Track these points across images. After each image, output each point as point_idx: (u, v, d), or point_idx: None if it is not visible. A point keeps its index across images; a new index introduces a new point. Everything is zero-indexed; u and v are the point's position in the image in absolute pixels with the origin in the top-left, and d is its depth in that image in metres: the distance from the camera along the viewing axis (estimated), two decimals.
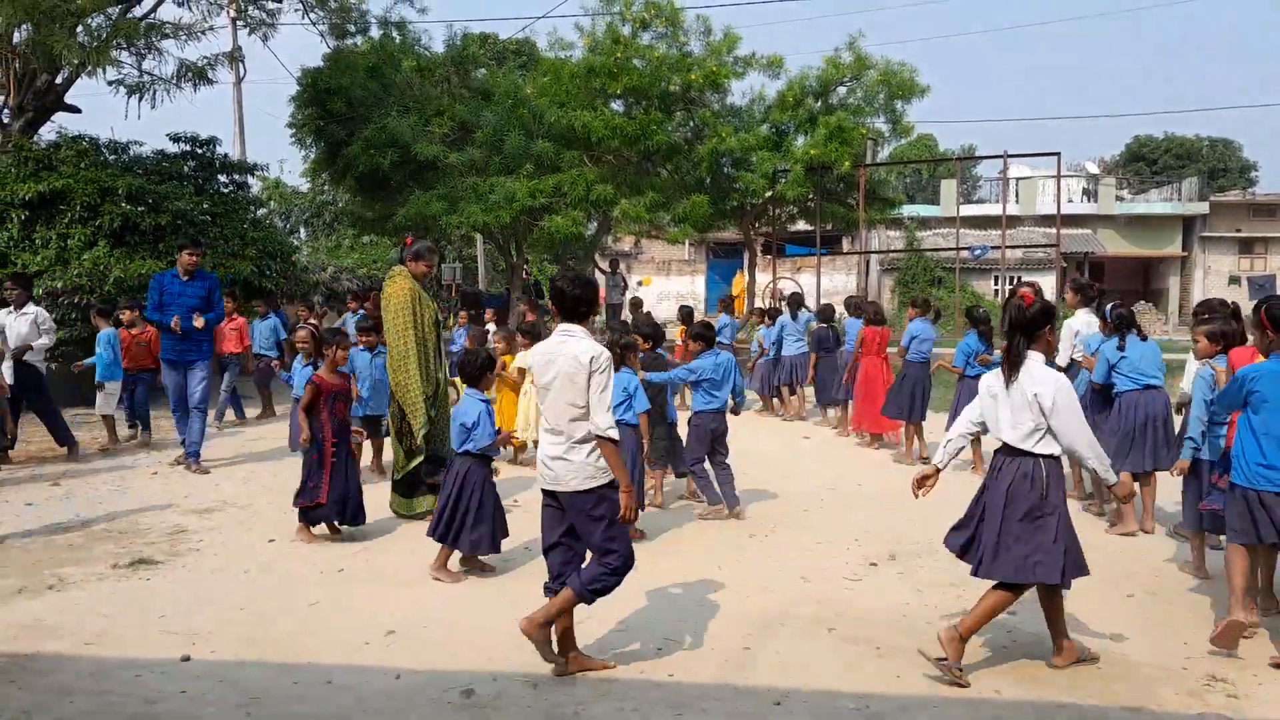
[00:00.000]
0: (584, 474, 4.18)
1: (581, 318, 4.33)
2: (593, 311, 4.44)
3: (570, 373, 4.15)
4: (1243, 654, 4.67)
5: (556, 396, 4.21)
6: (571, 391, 4.15)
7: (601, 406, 4.11)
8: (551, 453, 4.24)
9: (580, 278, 4.41)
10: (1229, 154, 56.89)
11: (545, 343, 4.42)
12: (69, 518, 7.08)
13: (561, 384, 4.18)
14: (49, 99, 15.46)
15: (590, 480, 4.19)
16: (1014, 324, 4.40)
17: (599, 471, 4.20)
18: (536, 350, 4.46)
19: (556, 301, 4.34)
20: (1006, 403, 4.41)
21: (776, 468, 9.12)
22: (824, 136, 16.51)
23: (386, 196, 18.69)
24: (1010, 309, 4.46)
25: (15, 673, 4.34)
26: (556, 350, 4.24)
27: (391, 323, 6.98)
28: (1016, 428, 4.36)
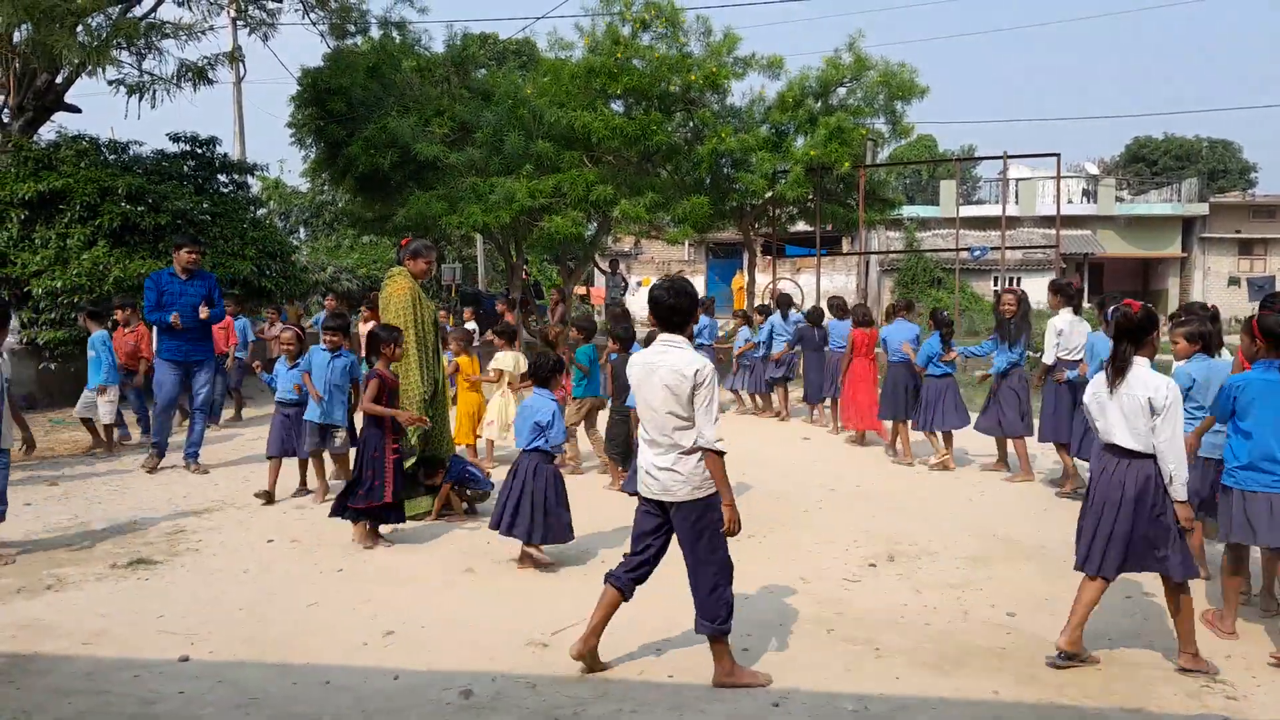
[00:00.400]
0: (692, 484, 4.18)
1: (679, 327, 4.27)
2: (692, 319, 4.36)
3: (673, 385, 4.12)
4: (1242, 655, 4.67)
5: (659, 408, 4.19)
6: (674, 403, 4.14)
7: (708, 419, 4.11)
8: (658, 463, 4.22)
9: (679, 286, 4.31)
10: (1229, 155, 56.91)
11: (645, 352, 4.36)
12: (67, 518, 7.08)
13: (664, 397, 4.16)
14: (49, 98, 15.44)
15: (698, 490, 4.19)
16: (1121, 330, 4.52)
17: (705, 482, 4.19)
18: (635, 360, 4.38)
19: (654, 310, 4.27)
20: (1116, 407, 4.48)
21: (775, 468, 9.12)
22: (824, 137, 16.52)
23: (386, 197, 18.68)
24: (1118, 316, 4.56)
25: (13, 673, 4.33)
26: (658, 361, 4.21)
27: (394, 321, 6.97)
28: (1133, 431, 4.43)
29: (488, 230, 17.62)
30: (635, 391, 4.34)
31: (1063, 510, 7.62)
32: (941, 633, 4.96)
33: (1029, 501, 8.01)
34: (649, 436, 4.27)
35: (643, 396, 4.27)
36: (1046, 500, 8.02)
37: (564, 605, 5.27)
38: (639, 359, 4.35)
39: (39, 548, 6.32)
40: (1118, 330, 4.54)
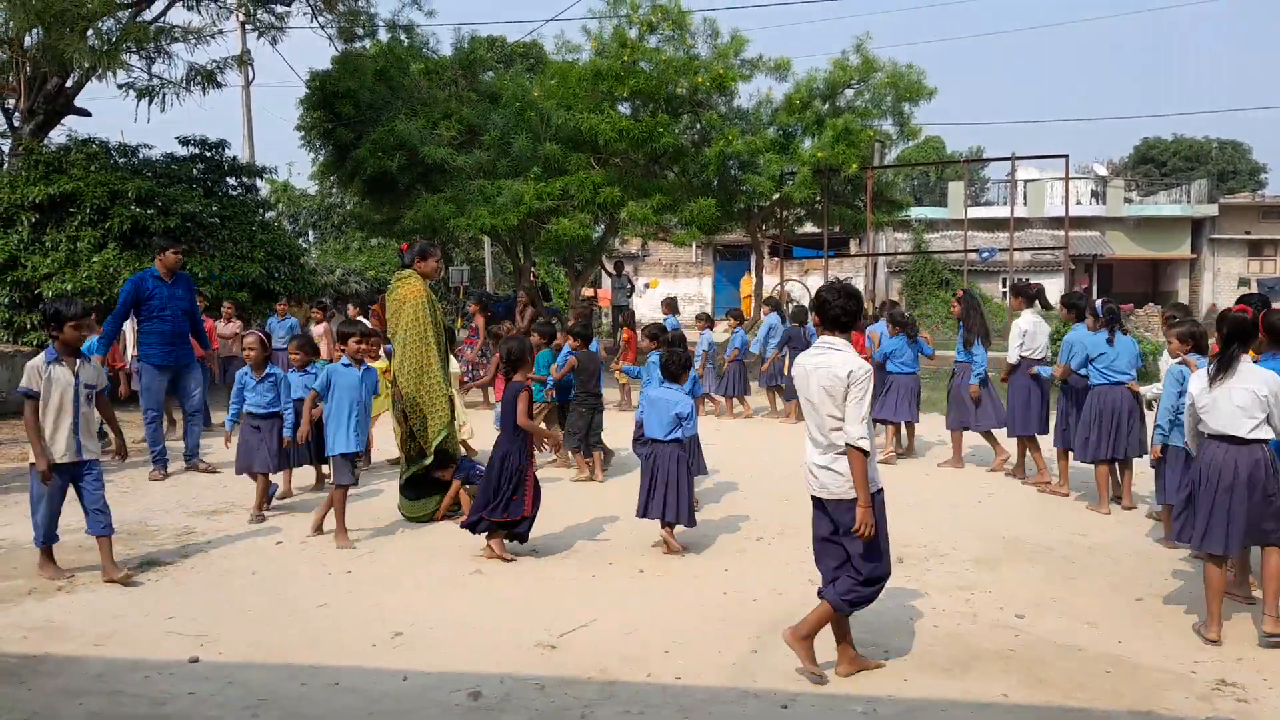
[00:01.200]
0: (851, 483, 4.23)
1: (844, 329, 4.34)
2: (857, 322, 4.43)
3: (828, 386, 4.21)
4: (1253, 658, 4.65)
5: (818, 409, 4.27)
6: (830, 404, 4.22)
7: (857, 417, 4.16)
8: (818, 462, 4.31)
9: (847, 289, 4.38)
10: (1238, 156, 56.72)
11: (805, 355, 4.44)
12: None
13: (821, 397, 4.24)
14: (59, 102, 15.54)
15: (848, 489, 4.26)
16: (1234, 332, 4.92)
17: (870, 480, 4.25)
18: (798, 361, 4.46)
19: (819, 312, 4.36)
20: (1228, 400, 4.83)
21: (782, 470, 9.09)
22: (831, 139, 16.52)
23: (394, 199, 18.74)
24: (1229, 320, 4.97)
25: (24, 674, 4.36)
26: (816, 362, 4.29)
27: (410, 324, 6.98)
28: (1250, 420, 4.79)
29: (495, 232, 17.67)
30: (799, 392, 4.44)
31: (1069, 512, 7.60)
32: (949, 635, 4.95)
33: (1036, 503, 7.98)
34: (810, 435, 4.38)
35: (804, 396, 4.38)
36: (1053, 502, 7.99)
37: (571, 607, 5.28)
38: (802, 360, 4.42)
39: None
40: (1230, 332, 4.92)
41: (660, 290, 35.22)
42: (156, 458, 8.70)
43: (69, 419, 5.51)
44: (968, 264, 23.68)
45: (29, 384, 5.46)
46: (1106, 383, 7.45)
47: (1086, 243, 36.11)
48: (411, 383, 7.03)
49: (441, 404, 7.07)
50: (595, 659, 4.57)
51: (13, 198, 13.30)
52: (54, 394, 5.47)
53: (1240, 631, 5.03)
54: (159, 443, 8.75)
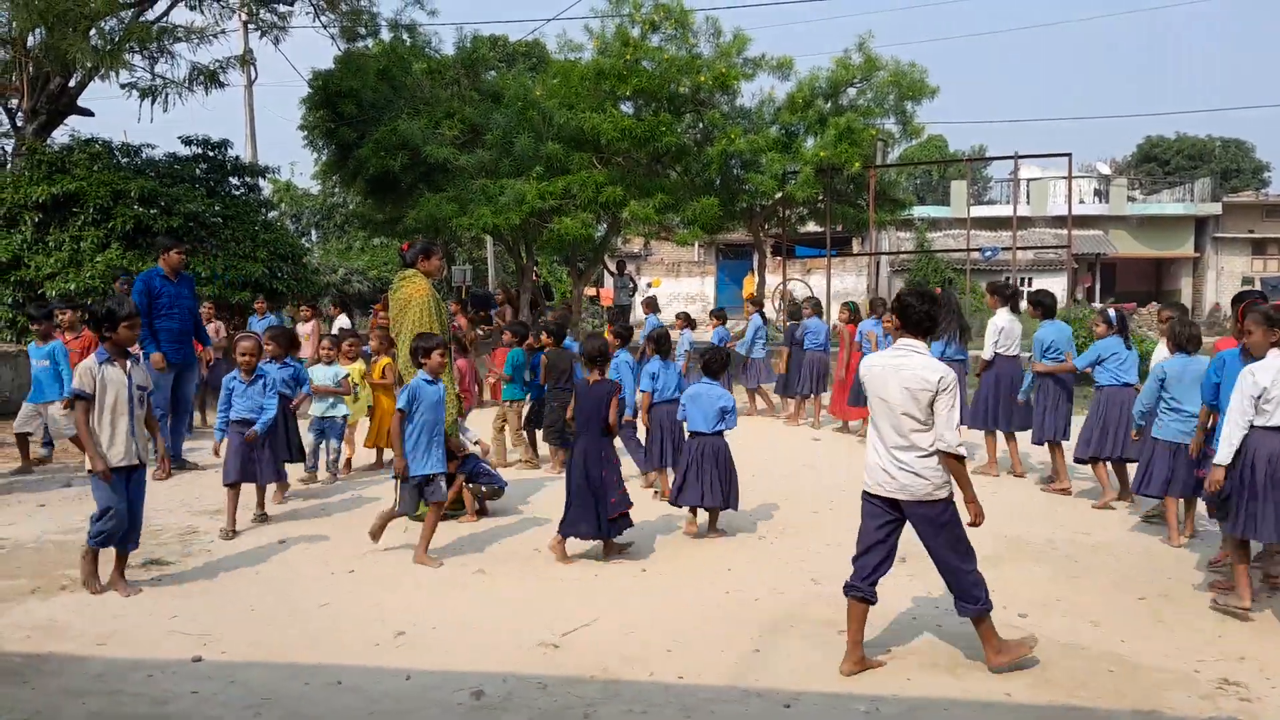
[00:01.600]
0: (933, 485, 4.29)
1: (926, 333, 4.42)
2: (937, 326, 4.48)
3: (913, 388, 4.25)
4: (1255, 656, 4.64)
5: (896, 408, 4.30)
6: (913, 406, 4.27)
7: (949, 424, 4.24)
8: (898, 463, 4.33)
9: (928, 293, 4.48)
10: (1241, 155, 56.66)
11: (885, 354, 4.48)
12: (81, 519, 7.10)
13: (902, 398, 4.28)
14: (62, 102, 15.56)
15: (939, 491, 4.32)
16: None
17: (944, 483, 4.32)
18: (875, 360, 4.48)
19: (902, 315, 4.44)
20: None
21: (785, 470, 9.11)
22: (834, 138, 16.52)
23: (397, 199, 18.75)
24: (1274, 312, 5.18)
25: (27, 673, 4.36)
26: (900, 363, 4.34)
27: (415, 324, 6.97)
28: None
29: (498, 232, 17.67)
30: (871, 390, 4.44)
31: (1072, 510, 7.59)
32: (953, 634, 4.94)
33: (1039, 502, 7.97)
34: (881, 434, 4.39)
35: (880, 395, 4.38)
36: (1056, 501, 7.98)
37: (574, 606, 5.28)
38: (879, 360, 4.45)
39: (53, 549, 6.36)
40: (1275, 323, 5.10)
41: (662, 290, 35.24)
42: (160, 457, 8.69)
43: (125, 421, 5.34)
44: (970, 263, 23.60)
45: (82, 385, 5.25)
46: (1116, 384, 7.57)
47: (1090, 242, 36.08)
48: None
49: (449, 401, 7.09)
50: (597, 658, 4.57)
51: (16, 197, 13.32)
52: (108, 396, 5.30)
53: (1240, 632, 5.02)
54: (171, 443, 8.74)
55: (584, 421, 6.30)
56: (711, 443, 6.75)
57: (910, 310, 4.41)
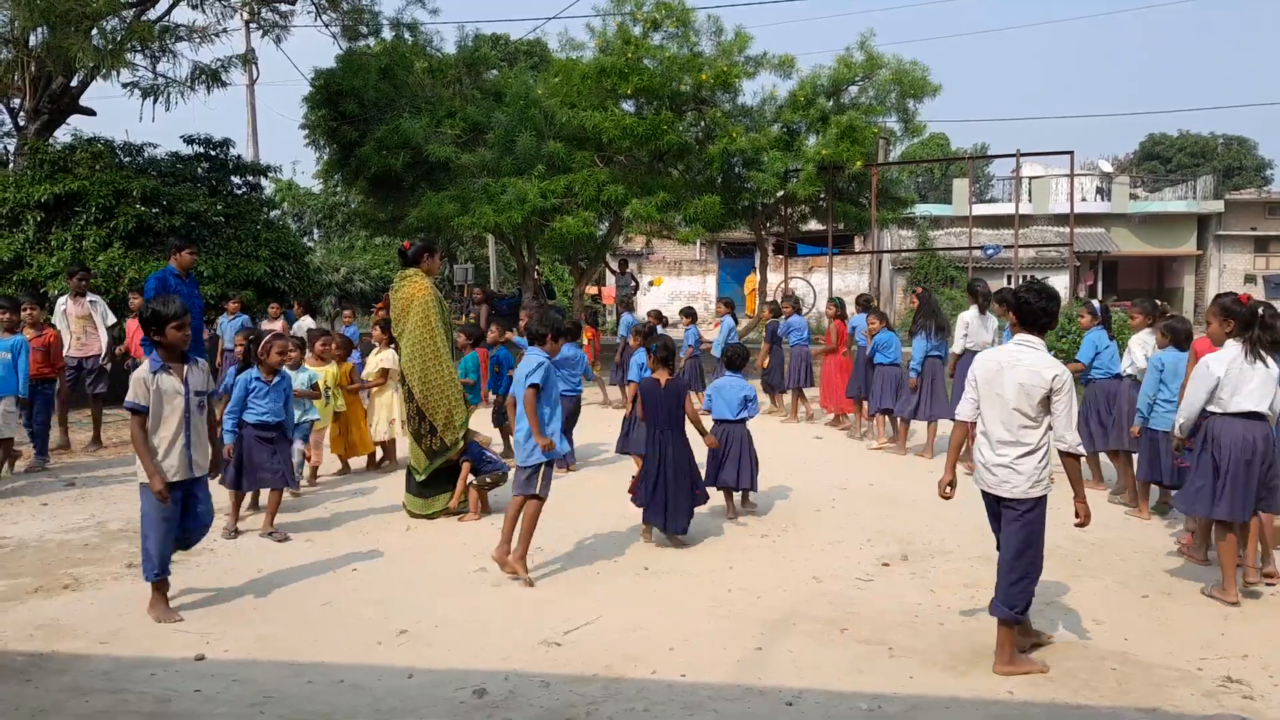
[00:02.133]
0: (1030, 481, 4.33)
1: (1043, 329, 4.42)
2: (1054, 323, 4.49)
3: (1027, 384, 4.28)
4: (1258, 654, 4.64)
5: (1009, 403, 4.34)
6: (1025, 403, 4.29)
7: (1068, 424, 4.28)
8: (999, 461, 4.39)
9: (1047, 290, 4.47)
10: (1244, 152, 56.59)
11: (1000, 350, 4.51)
12: (83, 517, 7.13)
13: (1016, 394, 4.31)
14: (64, 102, 15.57)
15: (1035, 489, 4.34)
16: (1247, 321, 5.37)
17: (1040, 482, 4.35)
18: (989, 356, 4.52)
19: (1019, 311, 4.44)
20: (1251, 380, 5.29)
21: (787, 467, 9.10)
22: (835, 136, 16.50)
23: (399, 198, 18.75)
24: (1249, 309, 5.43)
25: (31, 671, 4.37)
26: (1015, 358, 4.36)
27: (419, 323, 6.99)
28: (1265, 398, 5.28)
29: (499, 231, 17.66)
30: (983, 385, 4.45)
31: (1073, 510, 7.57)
32: (955, 633, 4.94)
33: None
34: (988, 430, 4.43)
35: (993, 390, 4.40)
36: (1058, 500, 7.97)
37: (576, 604, 5.28)
38: (992, 356, 4.50)
39: (56, 547, 6.36)
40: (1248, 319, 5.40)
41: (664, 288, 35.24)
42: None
43: (182, 433, 4.96)
44: (972, 261, 23.59)
45: (136, 398, 4.88)
46: (1108, 376, 7.86)
47: (1092, 239, 36.01)
48: (421, 381, 7.04)
49: (456, 397, 7.12)
50: (600, 656, 4.57)
51: (18, 197, 13.32)
52: (164, 406, 4.93)
53: (1243, 630, 5.02)
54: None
55: (664, 419, 6.54)
56: (737, 429, 7.28)
57: (1028, 307, 4.41)
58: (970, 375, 4.54)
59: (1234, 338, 5.45)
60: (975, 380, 4.50)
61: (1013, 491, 4.35)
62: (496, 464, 7.45)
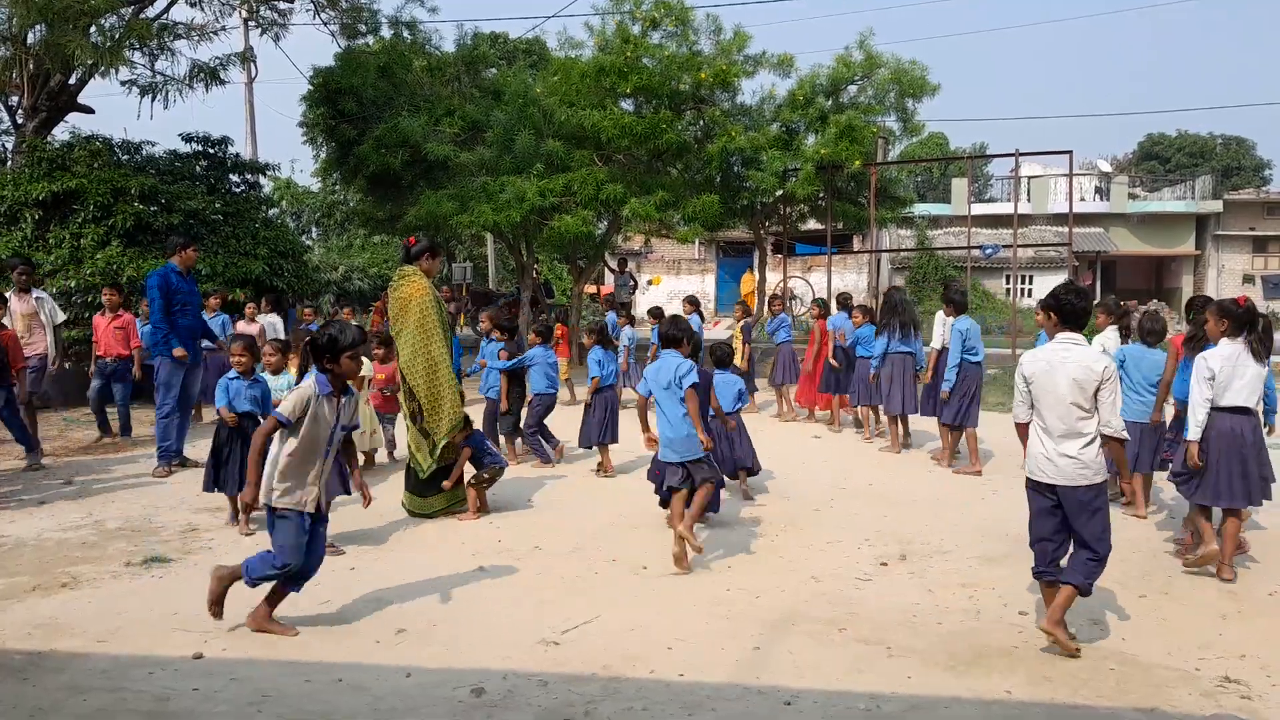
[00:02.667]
0: (1091, 470, 4.58)
1: (1082, 326, 4.73)
2: (1090, 319, 4.79)
3: (1080, 379, 4.55)
4: (1256, 654, 4.65)
5: (1064, 398, 4.59)
6: (1080, 396, 4.57)
7: (1115, 411, 4.59)
8: (1060, 451, 4.61)
9: (1079, 289, 4.80)
10: (1243, 152, 56.65)
11: (1047, 349, 4.74)
12: (81, 516, 7.13)
13: (1071, 389, 4.57)
14: (62, 99, 15.55)
15: (1096, 476, 4.59)
16: (1242, 321, 5.72)
17: (1100, 469, 4.60)
18: (1039, 355, 4.74)
19: (1061, 311, 4.72)
20: (1241, 376, 5.67)
21: (786, 467, 9.11)
22: (834, 135, 16.49)
23: (397, 196, 18.72)
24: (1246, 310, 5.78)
25: (29, 670, 4.36)
26: (1064, 356, 4.63)
27: (417, 323, 6.99)
28: (1252, 395, 5.70)
29: (498, 229, 17.63)
30: (1039, 383, 4.67)
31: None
32: (954, 632, 4.95)
33: None
34: (1047, 425, 4.66)
35: (1047, 388, 4.64)
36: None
37: (575, 603, 5.28)
38: (1042, 355, 4.71)
39: (54, 546, 6.36)
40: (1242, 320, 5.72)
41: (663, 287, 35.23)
42: (163, 453, 8.69)
43: (322, 464, 4.78)
44: (971, 261, 23.60)
45: (290, 413, 4.61)
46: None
47: (1090, 239, 36.06)
48: (423, 381, 7.04)
49: (453, 398, 7.11)
50: (598, 656, 4.57)
51: (16, 195, 13.31)
52: (318, 432, 4.72)
53: (1241, 630, 5.03)
54: (169, 439, 8.70)
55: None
56: (735, 419, 7.73)
57: (1071, 306, 4.69)
58: (1019, 377, 4.78)
59: (1229, 337, 5.76)
60: (1026, 381, 4.74)
61: (1089, 479, 4.57)
62: (496, 457, 7.48)
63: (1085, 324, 4.73)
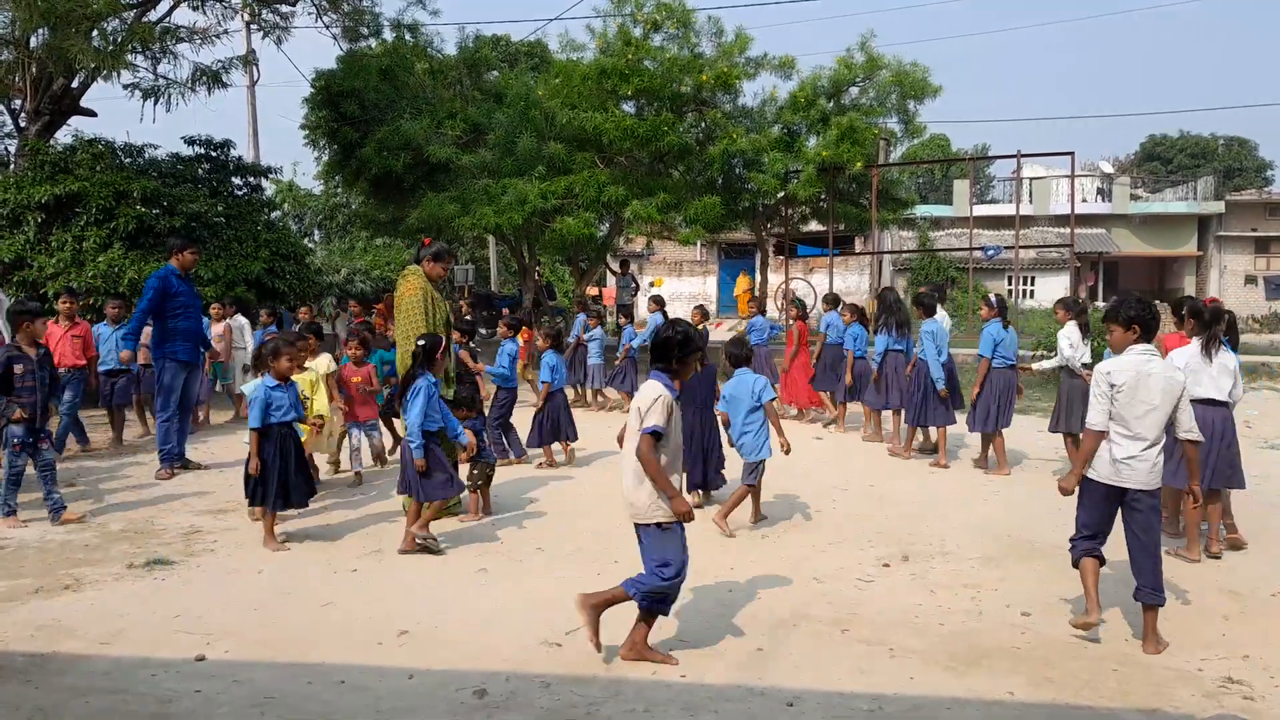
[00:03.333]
0: (1159, 474, 4.87)
1: (1151, 339, 5.00)
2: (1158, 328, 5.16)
3: (1167, 388, 4.85)
4: (1259, 655, 4.64)
5: (1157, 406, 4.84)
6: (1170, 403, 4.86)
7: (1190, 415, 4.97)
8: (1143, 457, 4.83)
9: (1146, 301, 5.09)
10: (1245, 153, 56.59)
11: (1131, 361, 4.91)
12: (81, 514, 7.13)
13: (1165, 399, 4.85)
14: (65, 103, 15.56)
15: (1159, 481, 4.90)
16: (1212, 319, 6.29)
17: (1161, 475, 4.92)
18: (1125, 365, 4.90)
19: (1144, 324, 4.95)
20: (1207, 371, 6.25)
21: (788, 468, 9.09)
22: (836, 137, 16.48)
23: (399, 199, 18.75)
24: (1213, 309, 6.35)
25: (32, 672, 4.37)
26: (1150, 369, 4.87)
27: (404, 320, 7.03)
28: (1221, 389, 6.26)
29: (500, 232, 17.66)
30: (1129, 392, 4.84)
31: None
32: (956, 633, 4.94)
33: (1042, 501, 7.95)
34: (1135, 433, 4.84)
35: (1141, 397, 4.84)
36: (1059, 499, 7.96)
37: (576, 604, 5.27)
38: (1129, 365, 4.89)
39: (57, 548, 6.37)
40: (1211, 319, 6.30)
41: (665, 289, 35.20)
42: (165, 456, 8.70)
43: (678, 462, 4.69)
44: (973, 262, 23.57)
45: (659, 423, 4.41)
46: (1004, 365, 9.01)
47: (1092, 240, 36.02)
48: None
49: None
50: (600, 656, 4.56)
51: (19, 198, 13.33)
52: (676, 436, 4.60)
53: (1243, 631, 5.02)
54: (170, 441, 8.71)
55: (700, 400, 7.65)
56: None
57: (1150, 319, 4.96)
58: (1104, 385, 4.91)
59: (1196, 335, 6.37)
60: (1114, 389, 4.88)
61: (1152, 483, 4.82)
62: (487, 454, 7.48)
63: (1155, 333, 5.01)
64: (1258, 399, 14.30)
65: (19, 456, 6.85)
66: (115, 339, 10.17)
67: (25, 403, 6.81)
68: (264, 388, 6.54)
